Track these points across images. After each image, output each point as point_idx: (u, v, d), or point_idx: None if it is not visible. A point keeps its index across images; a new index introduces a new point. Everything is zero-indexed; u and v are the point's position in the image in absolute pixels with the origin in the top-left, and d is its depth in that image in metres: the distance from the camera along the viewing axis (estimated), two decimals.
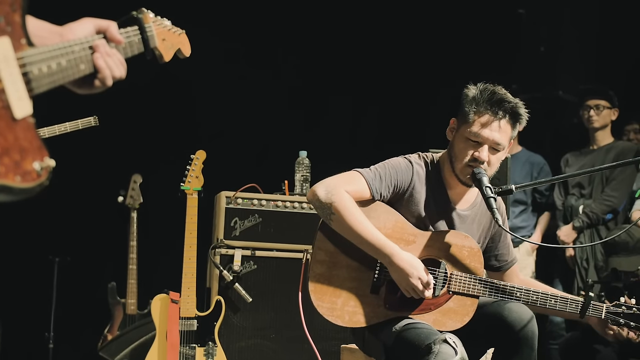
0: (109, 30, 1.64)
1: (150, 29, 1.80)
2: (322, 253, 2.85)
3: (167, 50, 1.90)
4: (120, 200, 5.53)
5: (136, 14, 1.76)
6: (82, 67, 1.52)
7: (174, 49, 1.95)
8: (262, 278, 4.31)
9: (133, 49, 1.73)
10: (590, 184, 5.54)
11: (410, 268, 2.72)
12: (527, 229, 5.75)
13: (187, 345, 4.05)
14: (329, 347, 4.04)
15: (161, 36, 1.86)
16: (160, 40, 1.85)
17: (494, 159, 2.87)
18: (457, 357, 2.58)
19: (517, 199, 5.75)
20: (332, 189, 2.77)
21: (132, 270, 5.46)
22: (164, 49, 1.88)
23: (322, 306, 2.81)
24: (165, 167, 4.93)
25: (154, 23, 1.83)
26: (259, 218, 4.34)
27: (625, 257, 4.39)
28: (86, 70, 1.54)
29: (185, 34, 2.02)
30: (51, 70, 1.39)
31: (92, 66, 1.57)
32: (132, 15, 1.75)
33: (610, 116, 5.55)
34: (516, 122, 2.87)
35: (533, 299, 2.86)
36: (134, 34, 1.74)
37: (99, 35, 1.62)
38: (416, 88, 6.23)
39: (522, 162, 5.76)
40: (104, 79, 1.60)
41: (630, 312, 2.89)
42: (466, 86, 2.92)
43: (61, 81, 1.44)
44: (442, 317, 2.85)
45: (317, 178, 2.91)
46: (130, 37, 1.72)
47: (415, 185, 2.90)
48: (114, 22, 1.67)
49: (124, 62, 1.65)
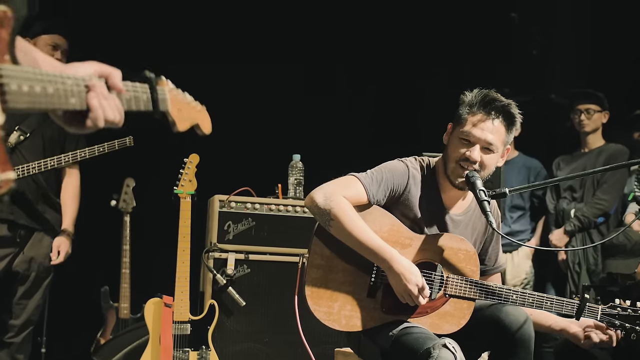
0: (110, 76, 1.62)
1: (162, 93, 1.78)
2: (318, 257, 2.84)
3: (182, 120, 1.88)
4: (113, 204, 5.51)
5: (148, 74, 1.74)
6: (73, 100, 1.50)
7: (191, 122, 1.93)
8: (256, 282, 4.30)
9: (139, 105, 1.72)
10: (582, 187, 5.56)
11: (408, 274, 2.72)
12: (525, 233, 5.78)
13: (181, 349, 4.04)
14: (322, 350, 4.03)
15: (176, 105, 1.85)
16: (174, 109, 1.84)
17: (486, 159, 2.87)
18: None
19: (515, 204, 5.77)
20: (330, 195, 2.78)
21: (125, 274, 5.44)
22: (178, 118, 1.87)
23: (318, 310, 2.81)
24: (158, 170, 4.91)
25: (170, 92, 1.82)
26: (253, 222, 4.34)
27: (622, 260, 4.40)
28: (76, 105, 1.52)
29: (205, 111, 2.01)
30: (33, 91, 1.37)
31: (85, 104, 1.54)
32: (144, 74, 1.74)
33: (601, 119, 5.57)
34: (510, 124, 2.88)
35: (529, 301, 2.86)
36: (142, 91, 1.73)
37: (100, 78, 1.60)
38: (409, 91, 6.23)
39: (519, 166, 5.78)
40: (96, 119, 1.57)
41: (625, 313, 2.90)
42: (463, 92, 2.93)
43: (44, 106, 1.42)
44: (439, 321, 2.85)
45: (310, 181, 2.92)
46: (137, 92, 1.71)
47: (410, 188, 2.90)
48: (119, 70, 1.65)
49: (121, 109, 1.63)
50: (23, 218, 4.28)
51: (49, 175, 4.37)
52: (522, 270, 5.70)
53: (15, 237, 4.27)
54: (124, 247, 5.45)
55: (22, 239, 4.30)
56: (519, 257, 5.72)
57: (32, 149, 4.28)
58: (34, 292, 4.35)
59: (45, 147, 4.33)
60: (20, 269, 4.29)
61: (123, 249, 5.45)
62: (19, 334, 4.33)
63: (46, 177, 4.36)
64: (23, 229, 4.30)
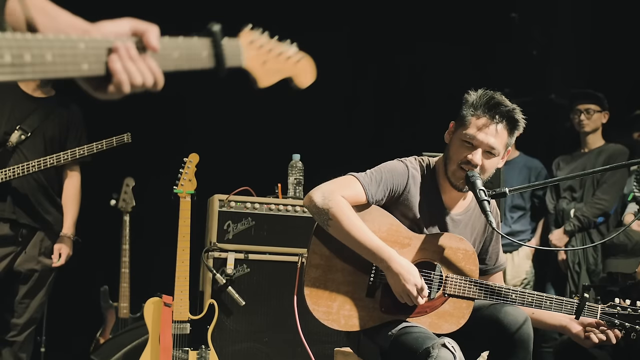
0: (146, 34, 1.44)
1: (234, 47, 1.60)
2: (317, 257, 2.85)
3: (268, 75, 1.71)
4: (113, 204, 5.52)
5: (212, 27, 1.54)
6: (85, 66, 1.34)
7: (282, 74, 1.76)
8: (255, 281, 4.30)
9: (195, 62, 1.52)
10: (582, 187, 5.56)
11: (407, 274, 2.72)
12: (525, 233, 5.78)
13: (180, 349, 4.04)
14: (322, 350, 4.03)
15: (260, 58, 1.67)
16: (256, 63, 1.66)
17: (487, 163, 2.87)
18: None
19: (516, 204, 5.77)
20: (329, 195, 2.78)
21: (124, 273, 5.45)
22: (262, 73, 1.69)
23: (318, 310, 2.81)
24: (158, 170, 4.92)
25: (251, 44, 1.64)
26: (252, 221, 4.34)
27: (623, 259, 4.40)
28: (92, 71, 1.36)
29: (307, 60, 1.83)
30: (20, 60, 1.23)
31: (103, 68, 1.38)
32: (208, 27, 1.54)
33: (601, 119, 5.58)
34: (513, 128, 2.88)
35: (529, 301, 2.86)
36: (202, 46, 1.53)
37: (131, 37, 1.43)
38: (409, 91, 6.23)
39: (520, 167, 5.78)
40: (119, 84, 1.40)
41: (625, 312, 2.90)
42: (467, 91, 2.92)
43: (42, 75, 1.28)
44: (438, 320, 2.85)
45: (310, 181, 2.91)
46: (191, 49, 1.51)
47: (410, 188, 2.90)
48: (155, 26, 1.47)
49: (156, 70, 1.45)
50: (25, 217, 4.28)
51: (51, 174, 4.38)
52: (522, 270, 5.70)
53: (17, 237, 4.28)
54: (124, 246, 5.46)
55: (24, 239, 4.30)
56: (519, 257, 5.72)
57: (33, 148, 4.28)
58: (37, 291, 4.35)
59: (46, 146, 4.33)
60: (22, 269, 4.30)
61: (123, 249, 5.46)
62: (21, 333, 4.34)
63: (48, 177, 4.36)
64: (25, 229, 4.30)
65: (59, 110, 4.45)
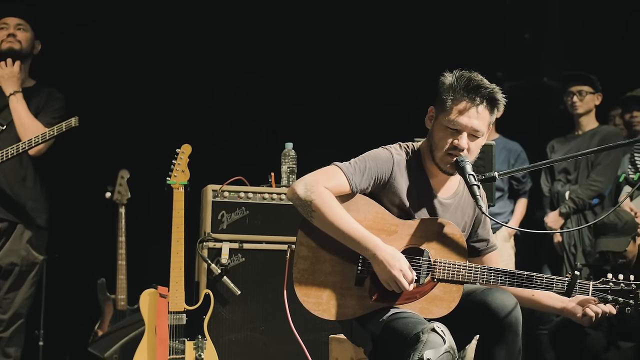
0: None
1: None
2: (305, 249, 2.85)
3: None
4: (108, 196, 5.53)
5: None
6: None
7: None
8: (250, 271, 4.31)
9: None
10: (576, 169, 5.57)
11: (392, 260, 2.72)
12: (503, 215, 5.78)
13: (177, 339, 4.05)
14: (318, 337, 4.05)
15: None
16: None
17: (473, 145, 2.87)
18: (445, 345, 2.59)
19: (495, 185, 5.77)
20: (312, 186, 2.78)
21: (121, 265, 5.46)
22: None
23: (307, 301, 2.82)
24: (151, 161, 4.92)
25: None
26: (246, 211, 4.34)
27: (613, 238, 4.42)
28: None
29: None
30: None
31: None
32: None
33: (594, 101, 5.60)
34: (494, 107, 2.88)
35: (519, 281, 2.86)
36: None
37: None
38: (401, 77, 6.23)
39: (499, 149, 5.77)
40: None
41: (617, 288, 2.91)
42: (442, 74, 2.91)
43: None
44: (429, 305, 2.85)
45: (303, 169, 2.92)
46: None
47: (395, 176, 2.90)
48: None
49: None
50: (3, 212, 4.29)
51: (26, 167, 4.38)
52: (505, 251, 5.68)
53: None
54: (120, 238, 5.47)
55: (2, 233, 4.31)
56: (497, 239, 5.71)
57: (9, 141, 4.29)
58: (19, 285, 4.36)
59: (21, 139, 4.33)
60: (2, 263, 4.31)
61: (119, 241, 5.47)
62: (7, 328, 4.36)
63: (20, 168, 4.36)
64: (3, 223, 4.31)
65: (36, 99, 4.46)
